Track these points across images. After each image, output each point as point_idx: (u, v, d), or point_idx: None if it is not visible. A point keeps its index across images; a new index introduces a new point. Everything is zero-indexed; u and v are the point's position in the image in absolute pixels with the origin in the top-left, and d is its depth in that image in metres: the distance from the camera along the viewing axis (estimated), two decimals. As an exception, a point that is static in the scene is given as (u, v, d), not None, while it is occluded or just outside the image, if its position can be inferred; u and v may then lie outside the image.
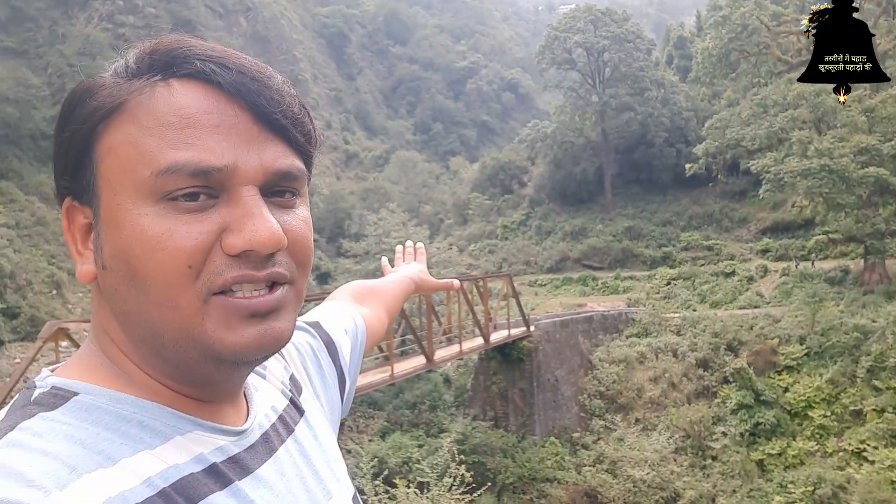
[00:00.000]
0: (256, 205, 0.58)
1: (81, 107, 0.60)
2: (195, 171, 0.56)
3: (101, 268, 0.60)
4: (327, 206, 45.18)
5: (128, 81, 0.59)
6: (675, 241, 35.07)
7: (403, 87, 73.03)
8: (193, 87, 0.59)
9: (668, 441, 18.84)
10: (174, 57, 0.59)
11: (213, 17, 59.15)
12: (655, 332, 23.81)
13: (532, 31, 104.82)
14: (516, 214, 41.76)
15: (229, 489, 0.60)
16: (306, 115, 0.63)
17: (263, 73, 0.61)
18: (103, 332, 0.63)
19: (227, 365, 0.59)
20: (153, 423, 0.59)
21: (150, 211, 0.56)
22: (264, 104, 0.59)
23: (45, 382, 0.59)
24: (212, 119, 0.58)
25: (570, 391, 21.44)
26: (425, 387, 23.17)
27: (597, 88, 41.59)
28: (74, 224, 0.62)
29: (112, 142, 0.58)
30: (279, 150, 0.60)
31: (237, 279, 0.57)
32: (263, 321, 0.59)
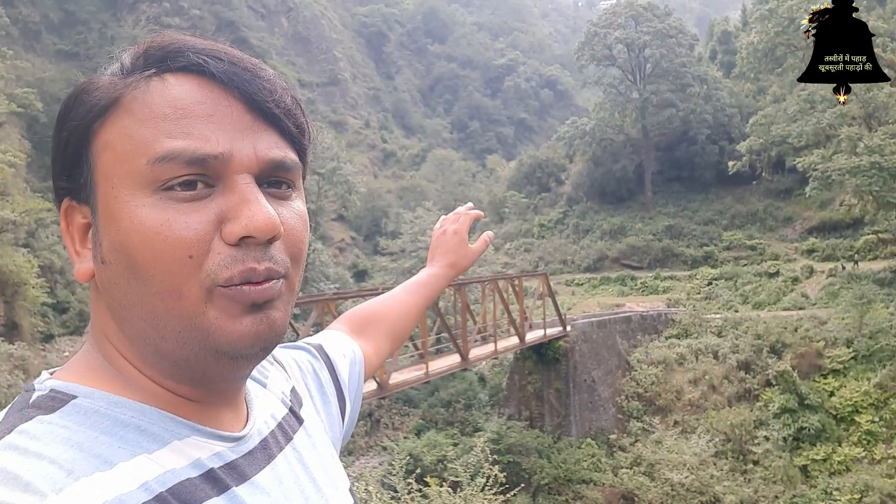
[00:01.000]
0: (252, 192, 0.59)
1: (77, 106, 0.61)
2: (191, 159, 0.57)
3: (99, 263, 0.60)
4: (365, 205, 45.56)
5: (122, 78, 0.60)
6: (717, 240, 34.33)
7: (441, 86, 73.14)
8: (187, 78, 0.60)
9: (708, 444, 18.47)
10: (167, 52, 0.60)
11: (255, 17, 60.16)
12: (696, 333, 23.37)
13: (571, 27, 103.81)
14: (553, 213, 41.44)
15: (226, 495, 0.60)
16: (298, 108, 0.64)
17: (255, 65, 0.62)
18: (101, 334, 0.63)
19: (226, 358, 0.59)
20: (151, 428, 0.59)
21: (147, 202, 0.57)
22: (256, 92, 0.60)
23: (44, 385, 0.60)
24: (206, 109, 0.58)
25: (607, 392, 21.20)
26: (460, 385, 23.19)
27: (637, 85, 40.95)
28: (73, 225, 0.63)
29: (108, 137, 0.59)
30: (273, 140, 0.61)
31: (243, 274, 0.58)
32: (260, 311, 0.59)
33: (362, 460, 20.50)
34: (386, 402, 22.46)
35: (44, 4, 44.95)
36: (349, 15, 73.18)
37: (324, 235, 40.04)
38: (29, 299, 19.55)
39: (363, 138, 59.41)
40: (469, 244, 1.23)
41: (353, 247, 44.16)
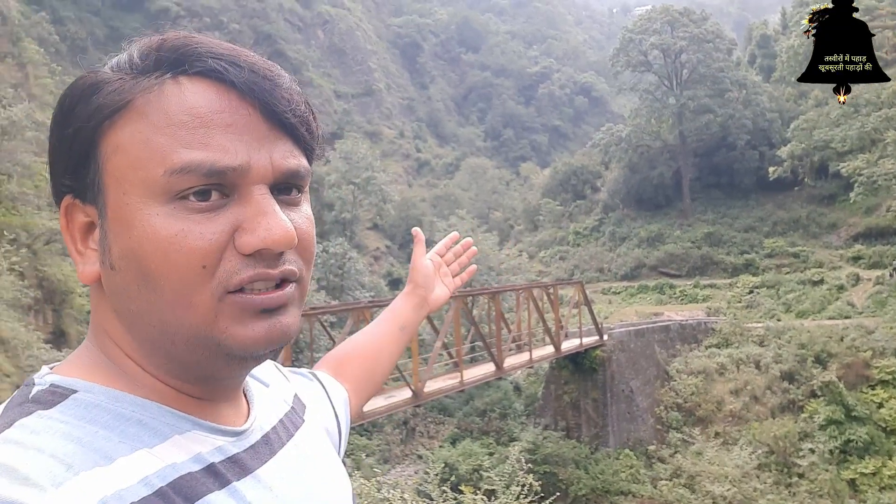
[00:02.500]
0: (269, 204, 0.58)
1: (85, 103, 0.59)
2: (210, 171, 0.56)
3: (108, 268, 0.59)
4: (399, 214, 45.84)
5: (133, 78, 0.58)
6: (759, 247, 33.57)
7: (475, 94, 73.34)
8: (205, 85, 0.58)
9: (751, 456, 18.00)
10: (183, 54, 0.58)
11: (291, 30, 61.31)
12: (737, 342, 22.86)
13: (606, 34, 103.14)
14: (589, 220, 41.07)
15: (227, 489, 0.59)
16: (311, 114, 0.64)
17: (273, 72, 0.61)
18: (103, 332, 0.62)
19: (236, 361, 0.60)
20: (152, 422, 0.59)
21: (161, 211, 0.56)
22: (276, 104, 0.59)
23: (44, 380, 0.59)
24: (224, 118, 0.57)
25: (645, 402, 20.85)
26: (495, 394, 23.07)
27: (674, 91, 40.42)
28: (74, 223, 0.62)
29: (120, 139, 0.57)
30: (287, 149, 0.61)
31: (253, 278, 0.58)
32: (272, 316, 0.59)
33: (398, 468, 20.52)
34: (421, 410, 22.46)
35: (90, 21, 46.62)
36: (384, 26, 74.03)
37: (359, 244, 40.40)
38: (76, 307, 20.15)
39: (397, 148, 59.88)
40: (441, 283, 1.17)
41: (388, 255, 44.44)
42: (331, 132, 53.68)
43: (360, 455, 19.30)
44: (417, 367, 12.70)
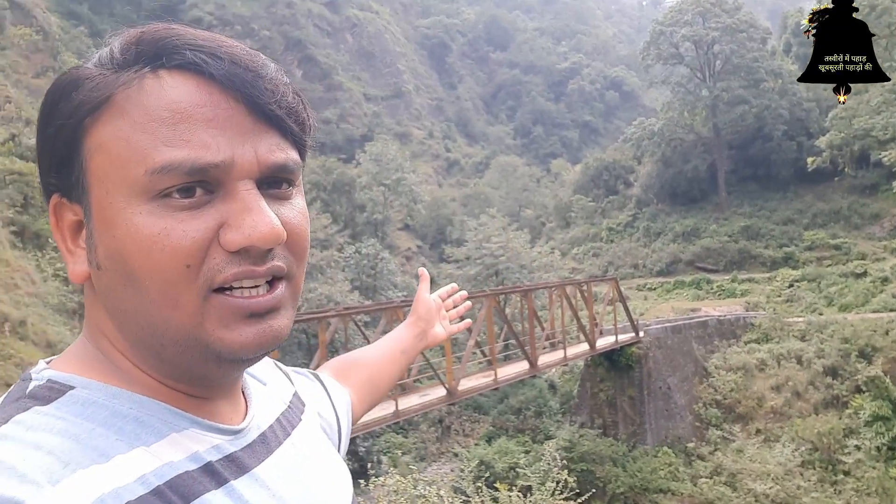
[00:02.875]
0: (254, 199, 0.56)
1: (66, 100, 0.57)
2: (191, 169, 0.54)
3: (95, 267, 0.58)
4: (429, 213, 45.97)
5: (114, 73, 0.57)
6: (798, 240, 32.78)
7: (503, 93, 73.16)
8: (184, 78, 0.56)
9: (794, 454, 17.60)
10: (162, 47, 0.57)
11: (321, 35, 61.97)
12: (777, 337, 22.37)
13: (636, 27, 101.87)
14: (622, 216, 40.62)
15: (224, 488, 0.58)
16: (301, 104, 0.62)
17: (256, 63, 0.58)
18: (98, 330, 0.61)
19: (227, 363, 0.59)
20: (149, 420, 0.58)
21: (144, 209, 0.54)
22: (258, 95, 0.57)
23: (41, 375, 0.58)
24: (205, 112, 0.55)
25: (683, 399, 20.54)
26: (530, 392, 22.99)
27: (707, 82, 39.74)
28: (63, 222, 0.61)
29: (101, 137, 0.56)
30: (274, 142, 0.59)
31: (238, 275, 0.56)
32: (262, 320, 0.58)
33: (434, 466, 20.59)
34: (456, 408, 22.51)
35: (127, 34, 47.72)
36: (412, 28, 74.33)
37: (391, 245, 40.64)
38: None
39: (427, 148, 60.09)
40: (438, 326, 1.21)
41: (420, 255, 44.61)
42: (361, 135, 54.12)
43: (396, 453, 19.42)
44: (451, 366, 12.74)
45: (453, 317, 1.26)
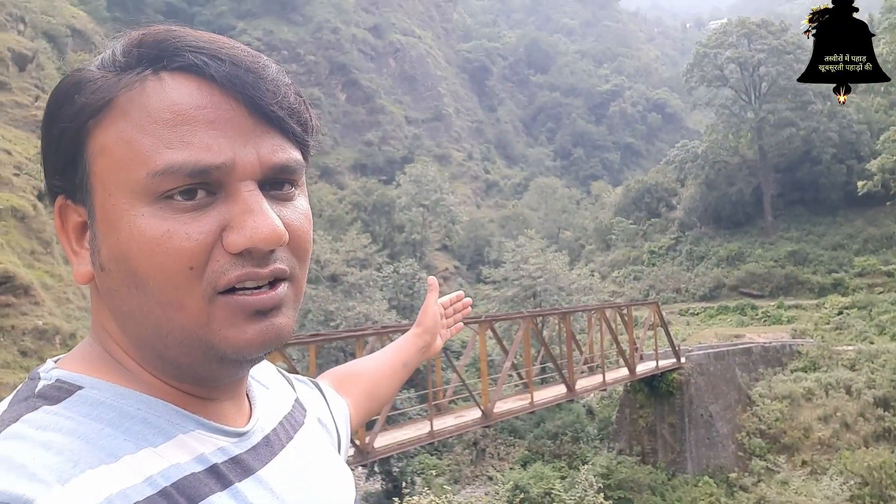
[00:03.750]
0: (256, 201, 0.57)
1: (69, 103, 0.58)
2: (193, 171, 0.55)
3: (98, 269, 0.59)
4: (467, 234, 46.05)
5: (116, 76, 0.58)
6: (848, 266, 31.76)
7: (544, 115, 73.26)
8: (186, 80, 0.57)
9: (842, 487, 16.90)
10: (163, 49, 0.57)
11: (364, 59, 63.25)
12: (825, 366, 21.65)
13: (679, 49, 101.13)
14: (664, 239, 40.03)
15: (229, 490, 0.59)
16: (303, 104, 0.62)
17: (257, 64, 0.59)
18: (104, 332, 0.62)
19: (230, 363, 0.59)
20: (157, 421, 0.58)
21: (146, 211, 0.55)
22: (259, 96, 0.58)
23: (50, 375, 0.59)
24: (207, 114, 0.56)
25: (726, 428, 19.99)
26: (567, 417, 22.66)
27: (752, 104, 39.12)
28: (68, 223, 0.61)
29: (104, 140, 0.57)
30: (276, 143, 0.59)
31: (241, 277, 0.57)
32: (265, 318, 0.58)
33: (468, 489, 20.42)
34: (491, 431, 22.33)
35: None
36: (453, 52, 75.28)
37: (428, 265, 40.84)
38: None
39: (466, 170, 60.43)
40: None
41: (457, 276, 44.68)
42: (401, 157, 54.77)
43: (430, 474, 19.33)
44: (487, 388, 12.70)
45: (450, 323, 1.25)
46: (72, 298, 16.35)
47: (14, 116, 23.51)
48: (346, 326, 22.07)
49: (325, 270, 26.61)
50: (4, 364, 13.22)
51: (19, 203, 17.01)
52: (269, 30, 60.83)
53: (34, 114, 24.23)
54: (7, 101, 23.76)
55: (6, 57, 25.01)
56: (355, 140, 56.55)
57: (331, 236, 29.66)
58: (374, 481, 21.74)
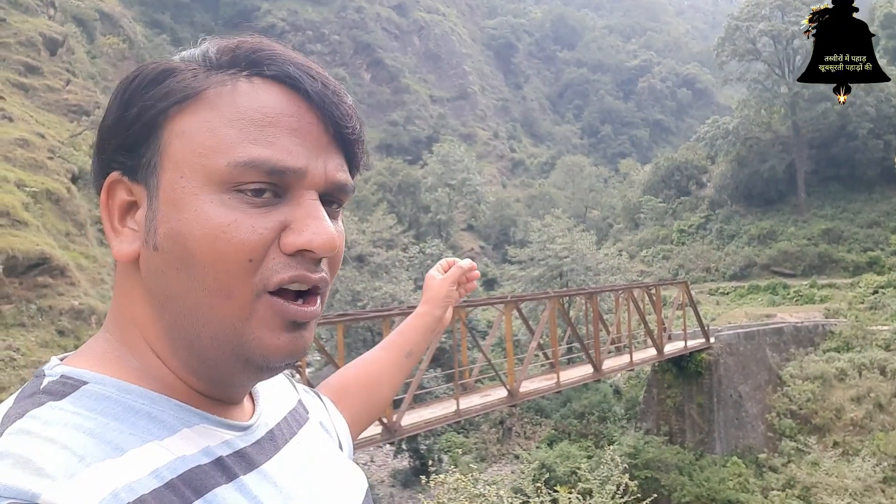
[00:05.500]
0: (318, 209, 0.60)
1: (154, 87, 0.61)
2: (272, 170, 0.58)
3: (151, 248, 0.60)
4: (493, 214, 45.91)
5: (206, 71, 0.61)
6: (884, 244, 30.99)
7: (570, 92, 72.30)
8: (277, 88, 0.61)
9: (874, 469, 16.65)
10: (260, 57, 0.61)
11: (389, 38, 62.94)
12: (859, 346, 21.26)
13: (710, 23, 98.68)
14: (694, 217, 39.44)
15: (234, 483, 0.60)
16: (362, 138, 0.67)
17: (340, 90, 0.64)
18: (127, 319, 0.63)
19: (254, 368, 0.61)
20: (161, 415, 0.59)
21: (215, 199, 0.57)
22: (340, 118, 0.62)
23: (54, 371, 0.60)
24: (292, 122, 0.60)
25: (755, 408, 19.79)
26: (594, 397, 22.65)
27: (786, 79, 38.09)
28: (114, 200, 0.62)
29: (186, 125, 0.59)
30: (340, 163, 0.64)
31: (294, 278, 0.59)
32: (298, 330, 0.61)
33: (494, 467, 20.59)
34: (517, 410, 22.44)
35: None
36: (478, 29, 74.47)
37: (454, 245, 40.87)
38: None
39: (492, 149, 60.07)
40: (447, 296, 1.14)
41: (483, 256, 44.67)
42: (426, 136, 54.64)
43: (456, 452, 19.52)
44: (513, 367, 12.73)
45: (463, 292, 1.19)
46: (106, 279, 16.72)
47: (46, 100, 23.91)
48: (372, 306, 22.26)
49: (352, 251, 26.81)
50: (43, 343, 13.61)
51: (54, 186, 17.36)
52: (294, 10, 60.85)
53: (66, 97, 24.62)
54: (39, 86, 24.16)
55: (38, 41, 25.40)
56: (380, 120, 56.51)
57: (357, 217, 29.82)
58: (401, 459, 22.05)
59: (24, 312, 13.86)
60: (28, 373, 12.54)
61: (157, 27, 49.46)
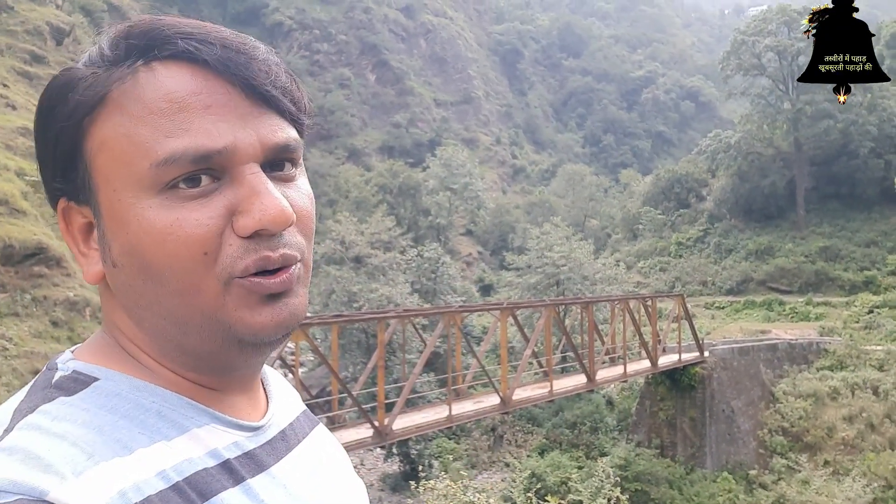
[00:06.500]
0: (261, 182, 0.57)
1: (63, 103, 0.58)
2: (195, 158, 0.55)
3: (111, 266, 0.59)
4: (492, 220, 45.90)
5: (106, 70, 0.58)
6: (881, 264, 31.06)
7: (574, 100, 72.40)
8: (178, 67, 0.57)
9: (864, 489, 16.64)
10: (152, 38, 0.57)
11: (395, 40, 63.00)
12: (852, 365, 21.29)
13: (716, 36, 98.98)
14: (693, 230, 39.49)
15: (241, 486, 0.59)
16: (294, 83, 0.62)
17: (247, 45, 0.59)
18: (116, 329, 0.62)
19: (249, 347, 0.60)
20: (171, 414, 0.59)
21: (153, 203, 0.55)
22: (253, 77, 0.58)
23: (67, 366, 0.60)
24: (202, 99, 0.56)
25: (747, 424, 19.80)
26: (586, 407, 22.62)
27: (789, 95, 38.19)
28: (73, 225, 0.61)
29: (102, 136, 0.57)
30: (274, 123, 0.59)
31: (257, 264, 0.57)
32: (279, 300, 0.59)
33: (485, 474, 20.55)
34: (509, 418, 22.39)
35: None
36: (485, 34, 74.56)
37: (452, 249, 40.83)
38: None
39: (493, 154, 60.09)
40: None
41: (480, 261, 44.66)
42: (429, 139, 54.65)
43: (447, 458, 19.47)
44: (506, 375, 12.71)
45: None
46: (102, 271, 16.69)
47: (50, 90, 23.92)
48: (368, 308, 22.22)
49: (349, 252, 26.77)
50: (37, 333, 13.57)
51: (53, 176, 17.37)
52: (302, 8, 60.87)
53: (69, 88, 24.61)
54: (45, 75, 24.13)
55: (44, 31, 25.39)
56: (383, 122, 56.52)
57: (356, 218, 29.76)
58: (391, 462, 21.98)
59: (19, 302, 13.82)
60: (20, 363, 12.49)
61: (163, 20, 49.48)
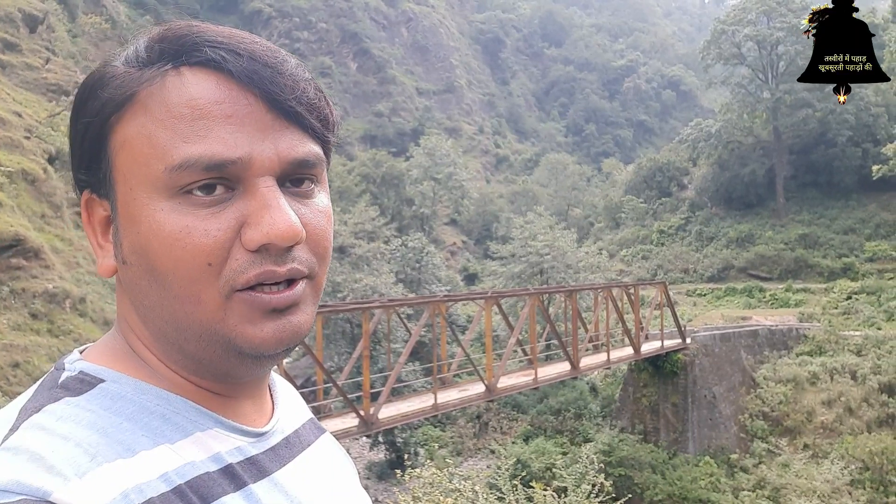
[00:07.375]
0: (273, 196, 0.57)
1: (93, 98, 0.59)
2: (209, 165, 0.55)
3: (121, 262, 0.60)
4: (476, 209, 45.93)
5: (138, 71, 0.58)
6: (859, 251, 31.52)
7: (557, 89, 72.42)
8: (204, 75, 0.57)
9: (843, 472, 17.00)
10: (184, 44, 0.58)
11: (377, 28, 62.48)
12: (831, 350, 21.64)
13: (697, 25, 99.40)
14: (674, 219, 39.80)
15: (242, 492, 0.59)
16: (322, 100, 0.62)
17: (276, 59, 0.59)
18: (126, 324, 0.63)
19: (250, 359, 0.59)
20: (175, 417, 0.59)
21: (165, 206, 0.55)
22: (277, 91, 0.58)
23: (74, 367, 0.60)
24: (224, 109, 0.56)
25: (729, 409, 20.08)
26: (570, 394, 22.81)
27: (769, 84, 38.51)
28: (94, 217, 0.62)
29: (126, 134, 0.58)
30: (295, 138, 0.59)
31: (259, 277, 0.56)
32: (282, 316, 0.58)
33: (470, 462, 20.67)
34: (494, 405, 22.52)
35: (190, 24, 49.19)
36: (466, 23, 74.22)
37: (436, 239, 40.82)
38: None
39: (476, 144, 60.00)
40: None
41: (464, 250, 44.68)
42: (412, 129, 54.41)
43: (433, 446, 19.54)
44: (491, 363, 12.76)
45: None
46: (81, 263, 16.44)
47: (25, 78, 23.38)
48: (352, 298, 22.16)
49: (333, 242, 26.63)
50: (16, 326, 13.35)
51: (30, 166, 17.00)
52: (282, -4, 60.06)
53: (45, 76, 24.09)
54: (18, 63, 23.61)
55: (17, 18, 24.81)
56: (365, 111, 56.15)
57: (339, 208, 29.61)
58: (377, 451, 22.03)
59: (-4, 294, 13.57)
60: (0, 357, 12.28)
61: (140, 8, 48.55)
